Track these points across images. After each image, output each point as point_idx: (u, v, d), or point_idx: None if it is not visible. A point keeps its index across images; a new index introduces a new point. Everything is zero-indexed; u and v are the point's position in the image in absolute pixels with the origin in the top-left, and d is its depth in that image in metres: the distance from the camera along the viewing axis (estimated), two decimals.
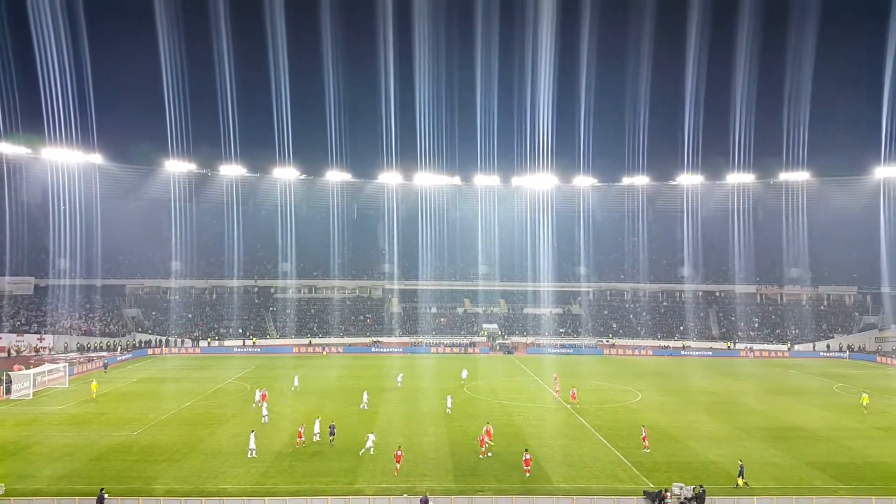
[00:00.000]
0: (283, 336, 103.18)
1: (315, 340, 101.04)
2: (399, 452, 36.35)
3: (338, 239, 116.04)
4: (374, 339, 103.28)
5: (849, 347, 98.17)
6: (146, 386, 63.47)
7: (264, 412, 47.51)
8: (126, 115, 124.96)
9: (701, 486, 31.34)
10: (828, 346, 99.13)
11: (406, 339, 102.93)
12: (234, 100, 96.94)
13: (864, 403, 54.46)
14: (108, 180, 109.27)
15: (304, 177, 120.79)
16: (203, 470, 35.67)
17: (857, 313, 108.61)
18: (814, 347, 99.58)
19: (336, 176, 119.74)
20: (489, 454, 38.78)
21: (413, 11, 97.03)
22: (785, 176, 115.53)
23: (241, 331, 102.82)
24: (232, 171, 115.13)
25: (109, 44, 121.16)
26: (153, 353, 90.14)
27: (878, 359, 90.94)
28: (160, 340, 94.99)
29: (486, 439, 39.87)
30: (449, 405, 50.65)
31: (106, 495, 30.32)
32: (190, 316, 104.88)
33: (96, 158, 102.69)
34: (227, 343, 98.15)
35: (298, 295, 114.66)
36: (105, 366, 73.84)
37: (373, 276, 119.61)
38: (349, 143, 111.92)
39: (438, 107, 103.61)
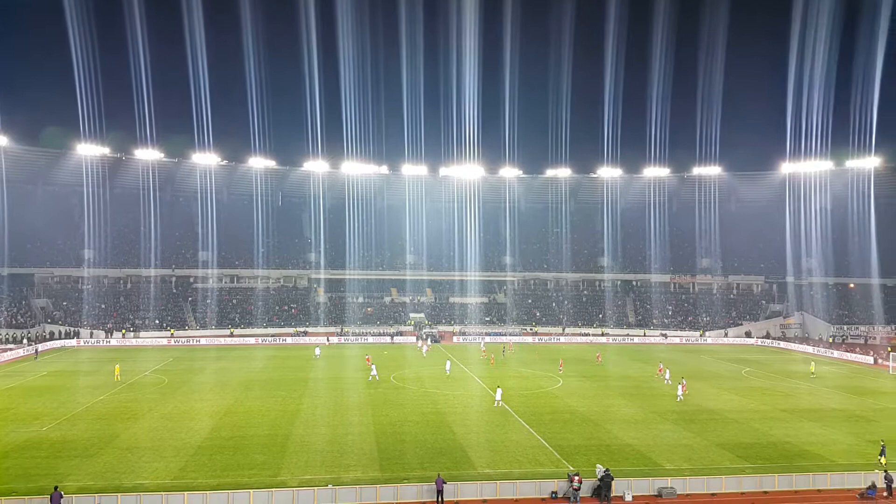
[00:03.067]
0: (202, 327, 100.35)
1: (237, 331, 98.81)
2: None
3: (261, 227, 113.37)
4: (300, 329, 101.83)
5: (768, 334, 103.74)
6: (57, 379, 60.57)
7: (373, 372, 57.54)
8: (35, 96, 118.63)
9: (606, 469, 32.32)
10: (747, 333, 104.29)
11: (332, 329, 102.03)
12: (150, 80, 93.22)
13: (812, 371, 67.40)
14: (15, 164, 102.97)
15: (225, 163, 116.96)
16: (119, 465, 34.46)
17: (763, 301, 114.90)
18: (726, 334, 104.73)
19: (259, 162, 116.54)
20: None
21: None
22: (698, 170, 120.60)
23: (157, 322, 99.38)
24: (148, 155, 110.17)
25: (16, 17, 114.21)
26: (63, 346, 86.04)
27: (782, 344, 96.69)
28: (68, 331, 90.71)
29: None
30: (498, 397, 49.82)
31: (62, 493, 28.80)
32: (103, 306, 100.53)
33: (1, 140, 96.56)
34: (142, 334, 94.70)
35: (219, 285, 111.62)
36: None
37: (298, 265, 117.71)
38: (273, 128, 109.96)
39: (365, 94, 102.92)
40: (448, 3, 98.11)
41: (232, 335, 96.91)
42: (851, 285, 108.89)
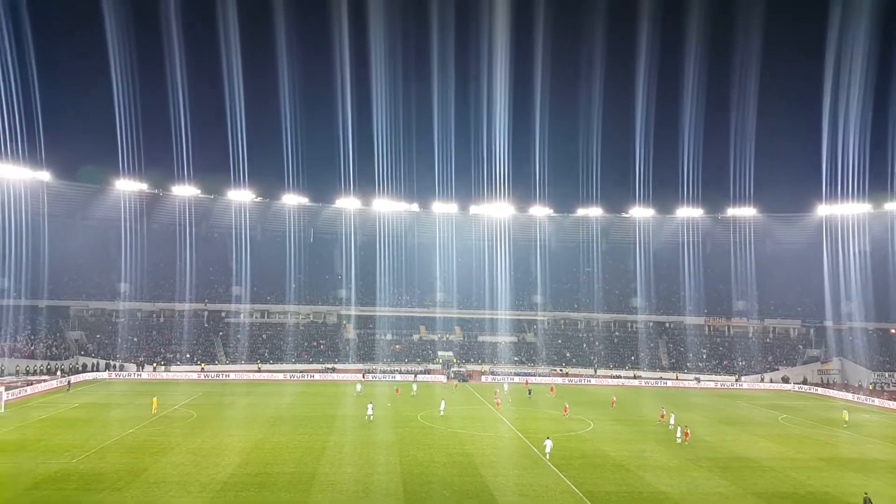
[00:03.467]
0: (232, 362, 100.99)
1: (265, 367, 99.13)
2: None
3: (293, 263, 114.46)
4: (329, 365, 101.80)
5: (805, 380, 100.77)
6: (88, 412, 61.20)
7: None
8: (77, 132, 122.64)
9: None
10: (784, 379, 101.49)
11: (360, 366, 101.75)
12: (188, 119, 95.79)
13: (846, 419, 63.95)
14: (56, 199, 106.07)
15: (259, 199, 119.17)
16: (146, 499, 34.43)
17: (800, 346, 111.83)
18: (762, 379, 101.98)
19: (292, 199, 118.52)
20: None
21: (372, 37, 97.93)
22: (732, 211, 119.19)
23: (188, 356, 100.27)
24: (185, 191, 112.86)
25: (59, 56, 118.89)
26: (95, 378, 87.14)
27: (820, 390, 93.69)
28: (100, 364, 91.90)
29: None
30: (548, 450, 45.95)
31: None
32: (136, 339, 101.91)
33: (44, 176, 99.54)
34: (173, 368, 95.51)
35: (250, 320, 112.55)
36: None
37: (328, 301, 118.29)
38: (306, 166, 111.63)
39: (396, 133, 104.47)
40: (479, 42, 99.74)
41: (259, 370, 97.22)
42: (893, 331, 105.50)
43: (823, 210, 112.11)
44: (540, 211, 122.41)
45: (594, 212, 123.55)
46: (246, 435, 51.13)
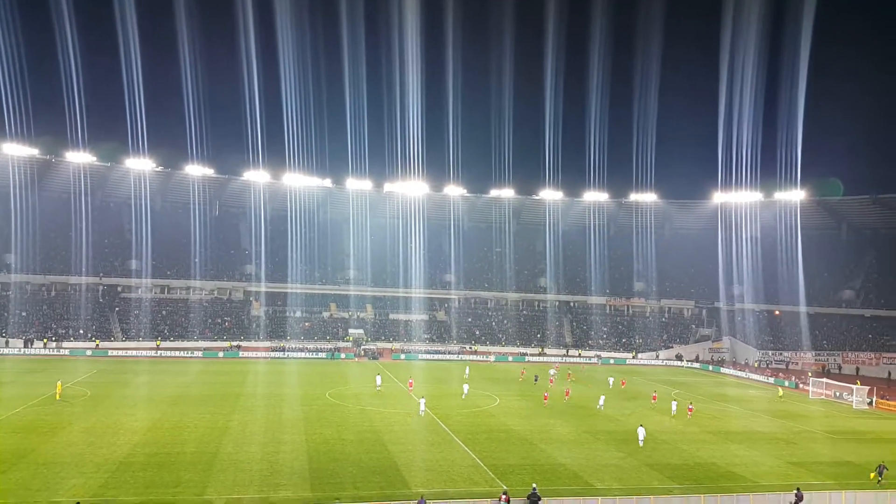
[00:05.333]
0: (129, 339, 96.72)
1: (164, 344, 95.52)
2: None
3: (197, 237, 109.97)
4: (234, 343, 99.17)
5: (696, 358, 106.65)
6: None
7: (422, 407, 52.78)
8: None
9: (533, 488, 32.74)
10: (678, 356, 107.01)
11: (268, 344, 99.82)
12: (81, 79, 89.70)
13: (780, 394, 72.22)
14: None
15: (160, 169, 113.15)
16: (33, 481, 32.62)
17: (693, 325, 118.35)
18: (657, 356, 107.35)
19: (196, 170, 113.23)
20: None
21: (282, 3, 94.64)
22: (635, 196, 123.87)
23: (82, 332, 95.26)
24: (79, 158, 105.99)
25: None
26: None
27: (711, 367, 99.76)
28: None
29: None
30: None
31: None
32: (24, 314, 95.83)
33: None
34: (65, 344, 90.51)
35: (150, 295, 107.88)
36: None
37: (234, 277, 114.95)
38: (212, 136, 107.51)
39: (307, 105, 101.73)
40: (391, 20, 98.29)
41: (158, 348, 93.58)
42: (777, 312, 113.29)
43: (718, 198, 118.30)
44: (454, 191, 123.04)
45: (506, 193, 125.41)
46: (144, 414, 49.23)
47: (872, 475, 39.43)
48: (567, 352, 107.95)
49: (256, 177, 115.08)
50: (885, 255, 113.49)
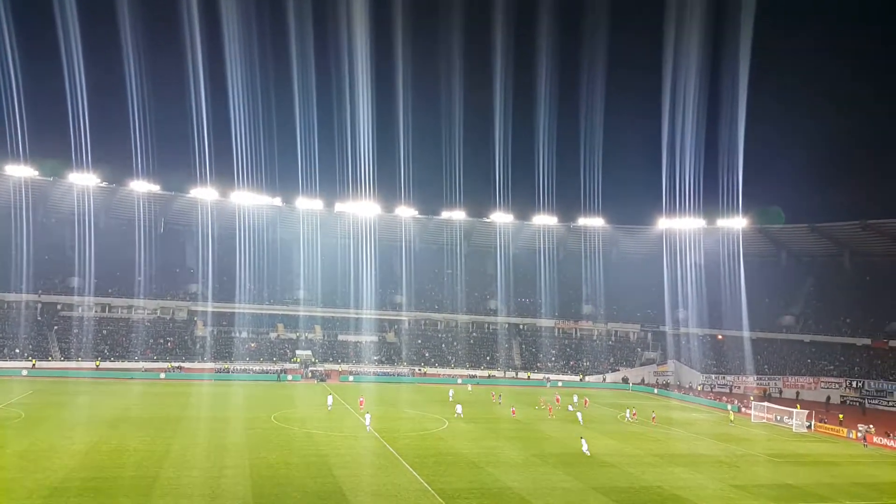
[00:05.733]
0: (67, 359, 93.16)
1: (104, 365, 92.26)
2: None
3: (141, 255, 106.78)
4: (176, 364, 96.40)
5: (657, 379, 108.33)
6: None
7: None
8: None
9: None
10: (624, 379, 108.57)
11: (212, 365, 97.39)
12: (22, 90, 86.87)
13: (731, 419, 73.00)
14: None
15: (104, 184, 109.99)
16: None
17: (639, 349, 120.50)
18: (604, 379, 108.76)
19: (141, 186, 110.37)
20: None
21: (230, 19, 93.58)
22: (583, 221, 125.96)
23: (17, 351, 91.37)
24: (20, 171, 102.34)
25: None
26: None
27: (656, 390, 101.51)
28: None
29: None
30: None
31: None
32: None
33: None
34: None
35: (91, 314, 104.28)
36: None
37: (178, 296, 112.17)
38: (158, 151, 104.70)
39: (256, 121, 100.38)
40: (340, 37, 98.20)
41: (98, 368, 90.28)
42: (720, 336, 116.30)
43: (663, 223, 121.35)
44: (405, 211, 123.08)
45: (458, 215, 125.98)
46: (82, 437, 47.32)
47: None
48: (517, 374, 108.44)
49: (204, 194, 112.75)
50: (823, 281, 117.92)
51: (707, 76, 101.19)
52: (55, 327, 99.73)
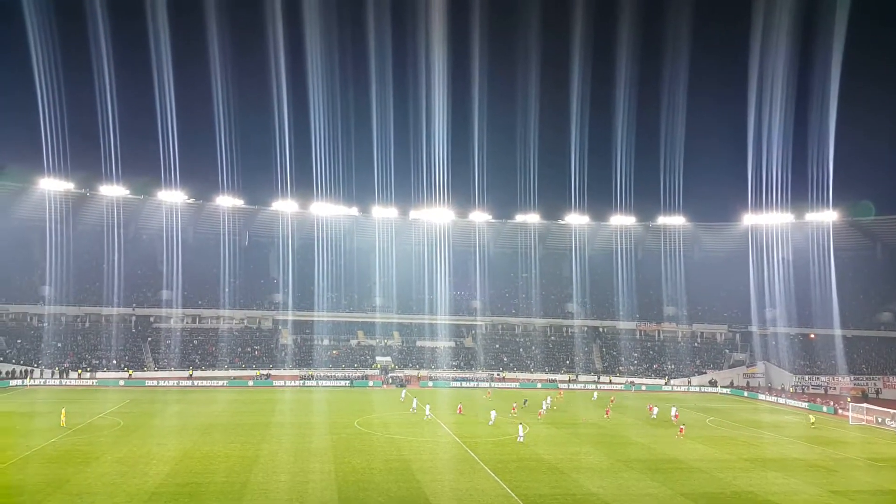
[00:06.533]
0: (161, 368, 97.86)
1: (197, 374, 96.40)
2: None
3: (227, 267, 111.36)
4: (264, 371, 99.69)
5: (731, 384, 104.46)
6: (6, 420, 58.15)
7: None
8: None
9: None
10: (710, 382, 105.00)
11: (296, 372, 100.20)
12: (115, 115, 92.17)
13: (812, 420, 68.49)
14: None
15: (191, 201, 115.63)
16: None
17: (727, 350, 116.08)
18: (689, 382, 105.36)
19: (227, 201, 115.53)
20: None
21: (309, 36, 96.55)
22: (663, 219, 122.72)
23: (115, 362, 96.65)
24: (113, 191, 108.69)
25: None
26: (16, 385, 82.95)
27: (746, 393, 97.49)
28: (22, 370, 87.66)
29: None
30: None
31: None
32: (59, 345, 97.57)
33: None
34: (99, 375, 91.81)
35: (181, 325, 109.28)
36: None
37: (263, 306, 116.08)
38: (242, 167, 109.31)
39: (335, 135, 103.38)
40: (417, 47, 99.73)
41: (191, 377, 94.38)
42: (812, 335, 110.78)
43: (749, 219, 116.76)
44: (479, 217, 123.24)
45: (532, 218, 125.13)
46: (175, 444, 49.56)
47: None
48: (598, 378, 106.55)
49: (285, 206, 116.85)
50: None
51: (796, 65, 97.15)
52: (149, 339, 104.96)
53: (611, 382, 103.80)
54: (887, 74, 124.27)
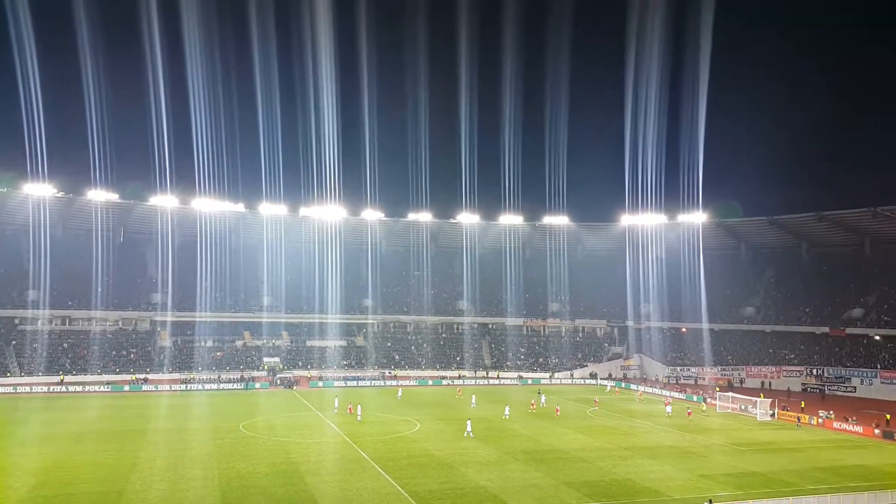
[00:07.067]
0: (27, 374, 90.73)
1: (68, 378, 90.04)
2: None
3: (100, 265, 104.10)
4: (140, 376, 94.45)
5: (609, 375, 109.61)
6: None
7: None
8: None
9: None
10: (592, 374, 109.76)
11: (176, 375, 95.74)
12: None
13: (703, 409, 74.61)
14: None
15: (61, 195, 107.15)
16: None
17: (606, 344, 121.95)
18: (572, 375, 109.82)
19: (100, 195, 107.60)
20: None
21: (189, 20, 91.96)
22: (548, 219, 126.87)
23: None
24: None
25: None
26: None
27: (623, 384, 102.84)
28: None
29: None
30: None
31: None
32: None
33: None
34: None
35: (49, 327, 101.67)
36: None
37: (140, 307, 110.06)
38: (117, 159, 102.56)
39: (219, 128, 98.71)
40: (304, 40, 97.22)
41: (62, 382, 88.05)
42: (683, 329, 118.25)
43: (627, 220, 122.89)
44: (371, 215, 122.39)
45: (424, 217, 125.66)
46: (42, 453, 46.12)
47: None
48: (487, 373, 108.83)
49: (164, 202, 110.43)
50: (781, 273, 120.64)
51: (668, 74, 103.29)
52: (13, 342, 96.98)
53: (499, 377, 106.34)
54: (752, 87, 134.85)
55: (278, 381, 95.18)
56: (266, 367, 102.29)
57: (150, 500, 35.88)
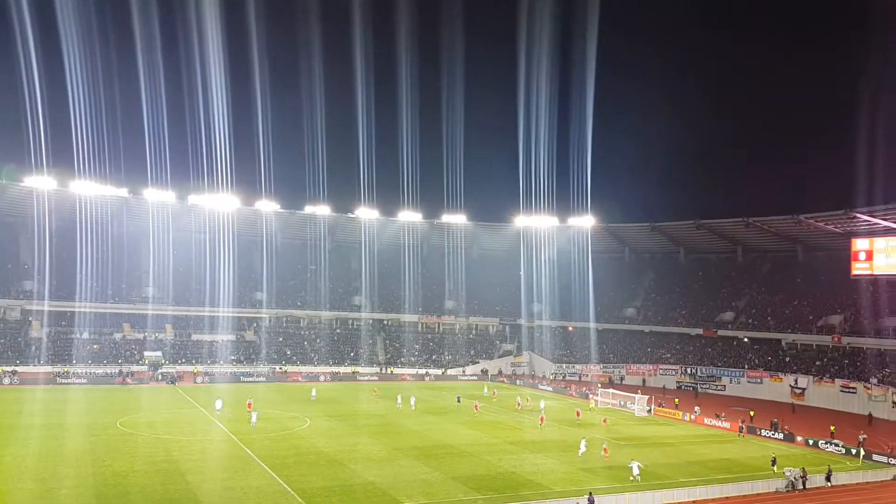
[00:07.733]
0: None
1: None
2: None
3: None
4: (8, 368, 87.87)
5: (500, 371, 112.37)
6: None
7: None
8: None
9: None
10: (483, 371, 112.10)
11: (49, 368, 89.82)
12: None
13: (591, 406, 76.60)
14: None
15: None
16: None
17: (497, 341, 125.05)
18: (464, 372, 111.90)
19: None
20: None
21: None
22: (446, 217, 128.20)
23: None
24: None
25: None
26: None
27: (518, 381, 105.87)
28: None
29: None
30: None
31: None
32: None
33: None
34: None
35: None
36: None
37: (10, 294, 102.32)
38: None
39: (99, 104, 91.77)
40: (190, 14, 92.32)
41: None
42: (570, 328, 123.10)
43: (521, 221, 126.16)
44: (266, 206, 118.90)
45: (322, 210, 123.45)
46: None
47: None
48: (381, 369, 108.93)
49: (39, 183, 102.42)
50: (661, 276, 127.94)
51: (557, 81, 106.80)
52: None
53: (392, 373, 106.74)
54: (636, 99, 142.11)
55: (160, 377, 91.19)
56: (147, 362, 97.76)
57: (18, 500, 33.68)
